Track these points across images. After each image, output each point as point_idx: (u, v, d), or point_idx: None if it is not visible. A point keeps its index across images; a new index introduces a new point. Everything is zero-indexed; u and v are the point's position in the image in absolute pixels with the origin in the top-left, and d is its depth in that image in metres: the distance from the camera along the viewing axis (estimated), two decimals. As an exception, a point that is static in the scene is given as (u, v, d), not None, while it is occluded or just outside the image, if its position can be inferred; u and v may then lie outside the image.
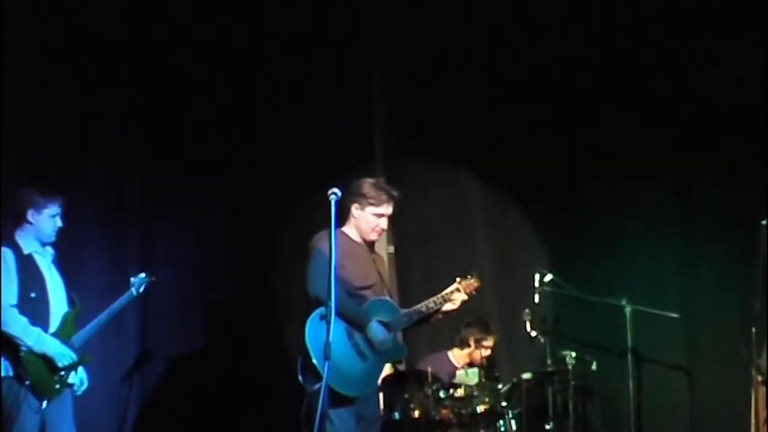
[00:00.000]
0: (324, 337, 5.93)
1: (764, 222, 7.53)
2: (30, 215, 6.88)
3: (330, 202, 6.06)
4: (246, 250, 9.04)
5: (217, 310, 8.92)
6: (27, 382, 6.67)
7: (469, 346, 8.82)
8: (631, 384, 8.38)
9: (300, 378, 6.56)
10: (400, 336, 7.02)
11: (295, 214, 8.64)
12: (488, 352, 8.81)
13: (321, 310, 6.35)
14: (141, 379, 8.60)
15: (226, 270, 9.05)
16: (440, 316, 7.14)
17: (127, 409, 8.44)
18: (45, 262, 6.96)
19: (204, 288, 8.91)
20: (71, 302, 7.00)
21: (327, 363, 5.89)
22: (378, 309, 6.84)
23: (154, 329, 8.68)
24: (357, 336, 6.70)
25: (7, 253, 6.76)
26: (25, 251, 6.85)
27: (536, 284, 8.33)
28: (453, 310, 7.12)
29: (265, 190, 9.04)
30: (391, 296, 7.03)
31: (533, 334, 8.25)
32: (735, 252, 8.44)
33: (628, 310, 8.43)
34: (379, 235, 7.09)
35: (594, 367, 8.37)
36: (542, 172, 9.09)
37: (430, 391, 7.57)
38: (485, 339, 8.81)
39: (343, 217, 6.76)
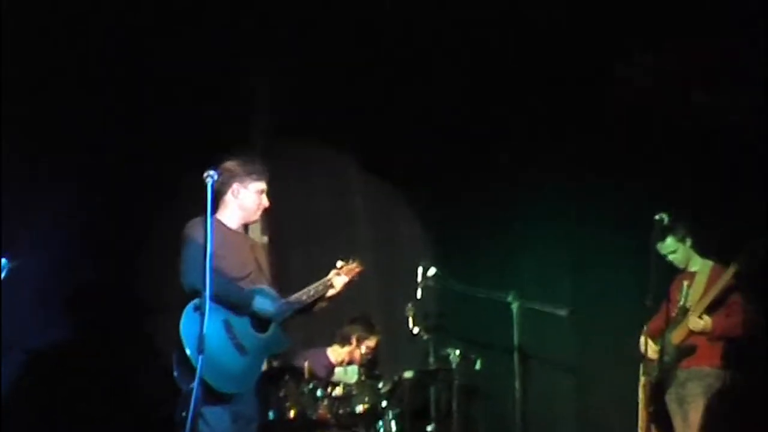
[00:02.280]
0: (199, 329, 5.72)
1: (657, 216, 7.45)
2: None
3: (205, 186, 5.88)
4: (114, 235, 8.71)
5: (83, 299, 8.55)
6: None
7: (350, 343, 8.72)
8: (517, 384, 8.19)
9: (175, 374, 6.25)
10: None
11: (168, 197, 8.33)
12: (370, 350, 8.67)
13: (196, 301, 6.07)
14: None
15: (91, 256, 8.65)
16: (325, 303, 6.92)
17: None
18: None
19: (68, 275, 8.52)
20: None
21: (201, 357, 5.70)
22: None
23: (12, 319, 8.13)
24: (236, 329, 6.41)
25: None
26: None
27: (419, 278, 8.10)
28: (336, 295, 6.89)
29: (137, 172, 8.72)
30: (270, 286, 6.74)
31: (416, 330, 8.05)
32: (628, 247, 8.36)
33: (514, 306, 8.20)
34: (261, 213, 6.86)
35: (478, 366, 8.22)
36: (428, 161, 9.04)
37: (306, 390, 7.44)
38: (368, 338, 8.74)
39: (215, 203, 6.47)
